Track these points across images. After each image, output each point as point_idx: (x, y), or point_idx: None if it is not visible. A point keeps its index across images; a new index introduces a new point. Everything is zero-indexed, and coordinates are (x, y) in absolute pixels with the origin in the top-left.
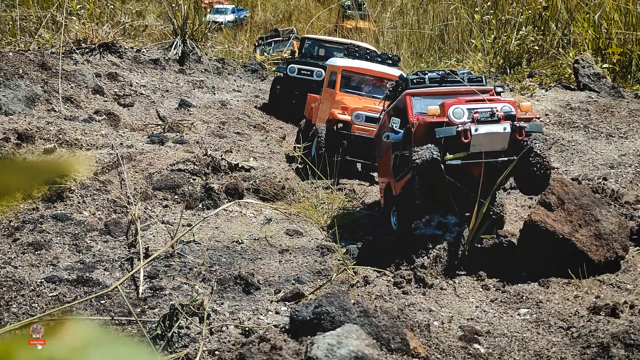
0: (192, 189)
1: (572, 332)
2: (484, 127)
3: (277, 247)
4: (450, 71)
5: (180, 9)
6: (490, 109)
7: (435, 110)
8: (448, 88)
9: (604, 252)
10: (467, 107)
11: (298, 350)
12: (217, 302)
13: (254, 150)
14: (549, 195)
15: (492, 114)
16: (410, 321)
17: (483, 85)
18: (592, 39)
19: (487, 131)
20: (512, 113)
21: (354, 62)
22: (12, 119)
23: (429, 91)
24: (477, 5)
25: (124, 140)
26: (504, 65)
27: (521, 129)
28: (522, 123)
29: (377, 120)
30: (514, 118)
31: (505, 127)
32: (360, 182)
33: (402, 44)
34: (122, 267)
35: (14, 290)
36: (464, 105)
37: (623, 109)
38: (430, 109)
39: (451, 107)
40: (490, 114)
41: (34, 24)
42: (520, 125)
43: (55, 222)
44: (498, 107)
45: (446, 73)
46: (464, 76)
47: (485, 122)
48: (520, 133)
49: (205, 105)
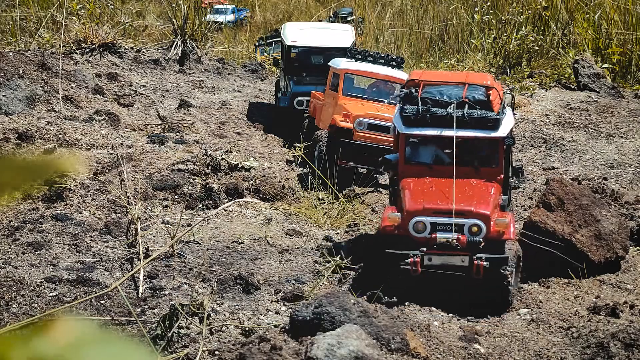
0: (192, 189)
1: (572, 332)
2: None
3: (277, 247)
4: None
5: (180, 9)
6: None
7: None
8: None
9: (604, 252)
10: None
11: (298, 350)
12: (217, 302)
13: (254, 150)
14: (549, 196)
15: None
16: (410, 321)
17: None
18: (592, 39)
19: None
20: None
21: (357, 65)
22: (12, 119)
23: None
24: (477, 5)
25: (124, 140)
26: (504, 65)
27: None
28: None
29: (381, 128)
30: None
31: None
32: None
33: (402, 44)
34: (122, 267)
35: (14, 290)
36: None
37: (623, 109)
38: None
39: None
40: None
41: (34, 24)
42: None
43: (55, 222)
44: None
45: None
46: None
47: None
48: (477, 272)
49: (205, 105)
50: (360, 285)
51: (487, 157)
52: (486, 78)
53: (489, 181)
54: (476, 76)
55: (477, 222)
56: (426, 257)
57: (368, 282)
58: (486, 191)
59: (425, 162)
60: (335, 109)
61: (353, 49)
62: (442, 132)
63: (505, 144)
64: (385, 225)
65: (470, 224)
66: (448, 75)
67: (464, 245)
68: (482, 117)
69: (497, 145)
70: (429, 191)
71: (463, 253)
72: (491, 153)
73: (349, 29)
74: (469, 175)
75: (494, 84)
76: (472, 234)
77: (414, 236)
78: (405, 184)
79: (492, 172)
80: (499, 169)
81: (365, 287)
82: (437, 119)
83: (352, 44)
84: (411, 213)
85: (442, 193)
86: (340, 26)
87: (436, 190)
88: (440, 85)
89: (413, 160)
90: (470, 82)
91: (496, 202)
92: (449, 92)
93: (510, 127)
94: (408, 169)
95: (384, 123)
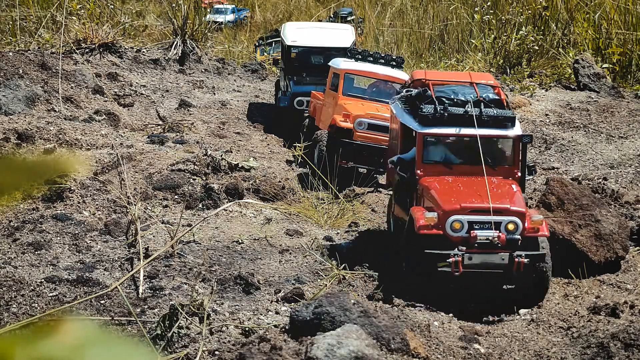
0: (192, 189)
1: (572, 332)
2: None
3: (277, 247)
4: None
5: (180, 9)
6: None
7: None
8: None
9: (604, 252)
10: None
11: (298, 350)
12: (217, 302)
13: (254, 150)
14: (549, 196)
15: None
16: (411, 321)
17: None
18: (592, 39)
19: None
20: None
21: (357, 65)
22: (12, 119)
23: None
24: (477, 5)
25: (124, 140)
26: (504, 65)
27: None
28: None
29: (380, 128)
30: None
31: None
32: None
33: (402, 44)
34: (122, 267)
35: (14, 290)
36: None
37: (623, 109)
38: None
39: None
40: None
41: (34, 24)
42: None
43: (55, 222)
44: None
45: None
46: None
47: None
48: (518, 269)
49: (205, 105)
50: (360, 285)
51: (505, 155)
52: (489, 77)
53: (507, 179)
54: (479, 76)
55: (514, 219)
56: (466, 256)
57: (367, 282)
58: (512, 189)
59: (444, 161)
60: (335, 109)
61: (353, 49)
62: (460, 131)
63: (522, 141)
64: (421, 225)
65: (507, 222)
66: (452, 75)
67: (504, 243)
68: (499, 115)
69: (515, 143)
70: (459, 190)
71: (503, 251)
72: (508, 151)
73: (349, 29)
74: (487, 174)
75: (496, 83)
76: (509, 231)
77: (451, 235)
78: (428, 183)
79: (509, 170)
80: (515, 167)
81: (364, 287)
82: (454, 118)
83: (352, 44)
84: (448, 212)
85: (474, 191)
86: (340, 26)
87: (466, 189)
88: (450, 85)
89: (431, 160)
90: (477, 82)
91: (524, 200)
92: (462, 91)
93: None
94: (426, 168)
95: (384, 123)
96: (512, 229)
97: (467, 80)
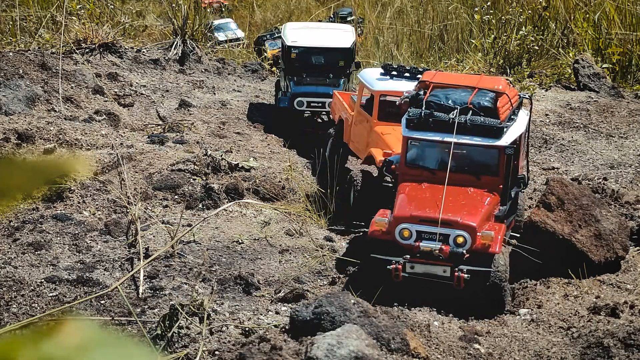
0: (192, 189)
1: (572, 332)
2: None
3: (277, 247)
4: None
5: (180, 9)
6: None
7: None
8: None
9: (604, 252)
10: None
11: (298, 350)
12: (217, 302)
13: (254, 150)
14: (549, 196)
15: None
16: (410, 321)
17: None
18: (592, 39)
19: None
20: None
21: (393, 85)
22: (12, 119)
23: None
24: (477, 5)
25: (124, 140)
26: (504, 65)
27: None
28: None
29: None
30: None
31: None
32: None
33: (402, 44)
34: (122, 267)
35: (14, 290)
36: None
37: (623, 109)
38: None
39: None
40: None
41: (34, 24)
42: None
43: (55, 222)
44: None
45: None
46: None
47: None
48: (458, 284)
49: (205, 105)
50: (360, 285)
51: (488, 166)
52: (499, 82)
53: (489, 191)
54: (489, 80)
55: (463, 233)
56: (409, 265)
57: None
58: (480, 201)
59: (426, 166)
60: (371, 138)
61: (388, 65)
62: (443, 138)
63: (505, 153)
64: (372, 229)
65: (455, 235)
66: (461, 78)
67: (446, 256)
68: (484, 124)
69: (498, 154)
70: (421, 198)
71: (445, 263)
72: (492, 162)
73: (350, 29)
74: (469, 183)
75: (506, 89)
76: (458, 244)
77: (400, 242)
78: (401, 188)
79: (492, 181)
80: (499, 179)
81: (365, 287)
82: (439, 124)
83: (353, 44)
84: (398, 219)
85: (434, 201)
86: (341, 26)
87: (429, 198)
88: (448, 89)
89: (414, 164)
90: (481, 87)
91: (488, 213)
92: (455, 96)
93: (517, 135)
94: (408, 172)
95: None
96: (460, 242)
97: (469, 85)
